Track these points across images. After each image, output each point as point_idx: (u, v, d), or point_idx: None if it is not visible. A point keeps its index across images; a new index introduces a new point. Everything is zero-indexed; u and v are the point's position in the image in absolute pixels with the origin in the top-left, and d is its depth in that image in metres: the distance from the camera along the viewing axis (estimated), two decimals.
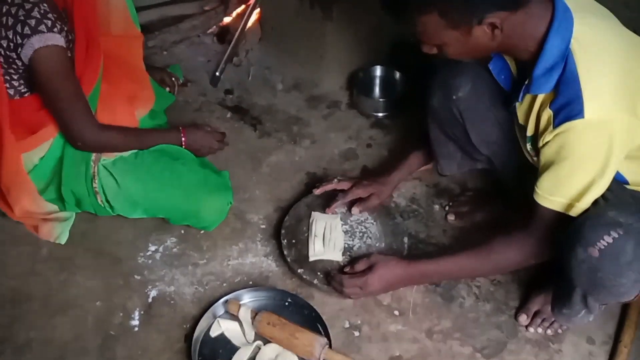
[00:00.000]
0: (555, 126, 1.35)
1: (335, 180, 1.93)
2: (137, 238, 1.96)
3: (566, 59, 1.34)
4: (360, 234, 1.91)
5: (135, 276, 1.86)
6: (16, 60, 1.68)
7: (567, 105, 1.32)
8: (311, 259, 1.83)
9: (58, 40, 1.66)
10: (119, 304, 1.79)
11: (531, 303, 1.74)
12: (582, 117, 1.29)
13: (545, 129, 1.39)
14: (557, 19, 1.34)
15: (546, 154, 1.41)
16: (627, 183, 1.48)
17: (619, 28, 1.45)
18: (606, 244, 1.31)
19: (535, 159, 1.52)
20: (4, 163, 1.80)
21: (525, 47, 1.39)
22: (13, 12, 1.62)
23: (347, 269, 1.73)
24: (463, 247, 1.68)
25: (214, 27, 2.76)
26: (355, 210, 1.89)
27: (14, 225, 1.96)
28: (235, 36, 2.56)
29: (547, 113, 1.37)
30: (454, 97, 1.74)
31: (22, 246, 1.93)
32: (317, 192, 1.92)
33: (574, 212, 1.41)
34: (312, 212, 1.93)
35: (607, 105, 1.30)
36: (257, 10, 2.58)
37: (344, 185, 1.91)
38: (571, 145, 1.34)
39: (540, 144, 1.41)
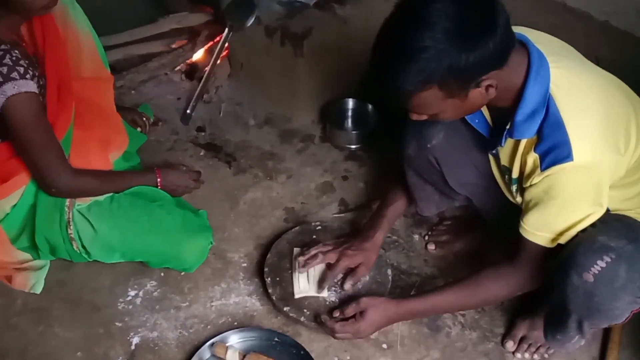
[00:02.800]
0: (543, 169, 1.37)
1: (320, 255, 1.84)
2: (116, 284, 1.91)
3: (547, 103, 1.36)
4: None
5: (116, 323, 1.81)
6: None
7: (555, 148, 1.34)
8: (297, 296, 1.81)
9: (31, 86, 1.63)
10: (101, 353, 1.74)
11: (517, 329, 1.76)
12: (572, 159, 1.32)
13: (532, 171, 1.41)
14: (533, 65, 1.36)
15: (533, 193, 1.43)
16: (608, 210, 1.52)
17: (591, 67, 1.49)
18: (600, 269, 1.34)
19: (518, 199, 1.55)
20: None
21: (506, 96, 1.41)
22: None
23: (336, 314, 1.70)
24: (447, 280, 1.69)
25: (182, 64, 2.74)
26: (347, 286, 1.82)
27: None
28: (205, 73, 2.56)
29: (533, 156, 1.39)
30: (429, 145, 1.74)
31: None
32: (302, 267, 1.84)
33: (563, 240, 1.45)
34: (294, 249, 1.92)
35: (594, 146, 1.33)
36: (226, 46, 2.58)
37: (331, 258, 1.84)
38: (561, 186, 1.37)
39: (527, 184, 1.43)
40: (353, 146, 2.42)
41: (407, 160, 1.83)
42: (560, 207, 1.40)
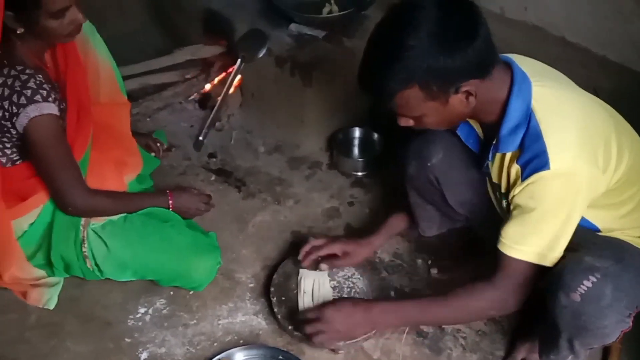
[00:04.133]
0: (524, 179, 1.43)
1: (311, 238, 1.96)
2: (127, 301, 1.97)
3: (529, 118, 1.44)
4: (348, 289, 1.95)
5: (126, 339, 1.86)
6: (10, 129, 1.72)
7: (534, 159, 1.41)
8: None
9: (52, 109, 1.71)
10: None
11: (517, 351, 1.79)
12: (549, 168, 1.38)
13: (515, 182, 1.47)
14: (516, 82, 1.45)
15: (515, 205, 1.48)
16: (599, 230, 1.57)
17: (573, 88, 1.56)
18: (586, 289, 1.39)
19: (508, 214, 1.60)
20: None
21: (490, 110, 1.49)
22: (9, 82, 1.67)
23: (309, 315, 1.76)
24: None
25: (196, 94, 2.84)
26: (323, 266, 1.91)
27: (1, 293, 1.96)
28: (218, 102, 2.65)
29: (515, 168, 1.47)
30: (429, 164, 1.83)
31: (10, 313, 1.92)
32: (303, 261, 1.93)
33: (547, 261, 1.48)
34: (300, 269, 1.97)
35: (570, 156, 1.39)
36: (238, 77, 2.68)
37: (321, 242, 1.94)
38: (538, 194, 1.42)
39: (511, 196, 1.49)
40: (359, 173, 2.49)
41: (408, 180, 1.90)
42: (538, 218, 1.44)
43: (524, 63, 1.49)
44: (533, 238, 1.47)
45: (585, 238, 1.50)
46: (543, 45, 2.29)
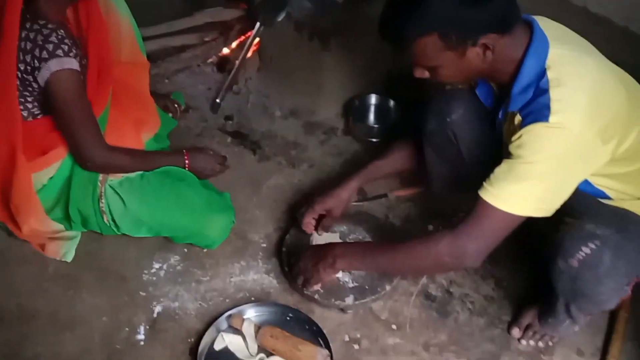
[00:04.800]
0: (522, 127, 1.42)
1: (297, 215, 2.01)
2: (142, 257, 2.02)
3: (541, 78, 1.43)
4: None
5: (141, 293, 1.91)
6: (32, 83, 1.75)
7: (536, 110, 1.40)
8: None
9: (74, 64, 1.74)
10: (125, 319, 1.84)
11: (523, 317, 1.81)
12: (547, 120, 1.36)
13: (514, 131, 1.46)
14: (534, 42, 1.44)
15: (508, 154, 1.45)
16: (610, 198, 1.56)
17: (594, 55, 1.52)
18: (584, 255, 1.41)
19: None
20: (16, 183, 1.85)
21: (506, 69, 1.49)
22: (32, 37, 1.70)
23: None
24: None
25: (214, 57, 2.86)
26: (321, 232, 1.98)
27: (20, 245, 2.01)
28: (235, 66, 2.66)
29: (518, 119, 1.47)
30: (448, 119, 1.83)
31: (29, 265, 1.98)
32: (309, 231, 1.99)
33: (519, 211, 1.42)
34: (313, 233, 2.00)
35: (571, 115, 1.36)
36: (256, 41, 2.68)
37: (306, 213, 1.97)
38: (529, 145, 1.39)
39: (509, 145, 1.47)
40: (374, 139, 2.50)
41: (427, 136, 1.91)
42: (521, 167, 1.40)
43: (547, 26, 1.48)
44: (512, 186, 1.42)
45: (590, 206, 1.51)
46: (565, 16, 2.25)
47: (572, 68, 1.42)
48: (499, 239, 1.48)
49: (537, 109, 1.40)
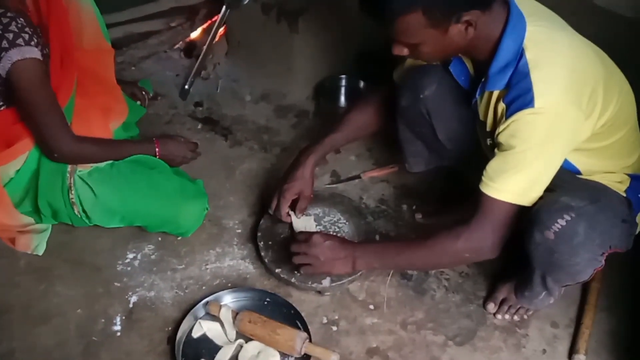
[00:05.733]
0: (508, 116, 1.44)
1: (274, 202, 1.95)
2: (115, 247, 1.99)
3: (519, 57, 1.44)
4: (334, 234, 1.98)
5: (115, 283, 1.89)
6: None
7: (519, 97, 1.42)
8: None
9: (35, 53, 1.69)
10: (100, 310, 1.81)
11: (498, 292, 1.84)
12: (532, 106, 1.39)
13: (500, 121, 1.48)
14: (511, 20, 1.45)
15: (499, 145, 1.49)
16: (580, 173, 1.60)
17: (567, 30, 1.56)
18: (560, 227, 1.43)
19: (492, 154, 1.60)
20: None
21: (484, 47, 1.50)
22: None
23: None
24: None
25: (181, 42, 2.82)
26: (298, 215, 1.96)
27: None
28: (203, 51, 2.63)
29: (501, 106, 1.48)
30: (421, 96, 1.83)
31: (0, 259, 1.94)
32: (284, 218, 1.96)
33: (522, 200, 1.49)
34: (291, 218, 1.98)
35: (555, 97, 1.40)
36: (223, 24, 2.65)
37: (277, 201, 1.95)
38: (520, 133, 1.43)
39: (495, 135, 1.50)
40: None
41: (401, 112, 1.91)
42: (517, 157, 1.45)
43: (522, 3, 1.49)
44: (513, 178, 1.47)
45: (564, 179, 1.53)
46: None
47: (550, 46, 1.44)
48: (512, 227, 1.54)
49: (521, 94, 1.41)
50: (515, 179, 1.47)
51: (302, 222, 1.98)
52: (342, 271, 1.74)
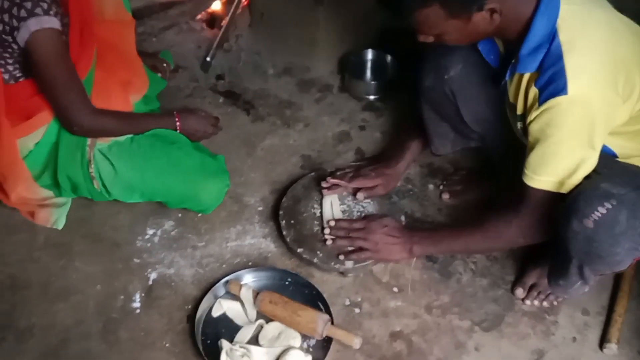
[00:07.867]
0: (540, 103, 1.38)
1: (342, 184, 1.91)
2: (135, 222, 1.96)
3: (552, 38, 1.37)
4: (359, 213, 1.92)
5: (135, 260, 1.86)
6: (12, 44, 1.66)
7: (551, 82, 1.36)
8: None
9: (54, 23, 1.65)
10: (120, 287, 1.79)
11: (527, 277, 1.78)
12: (566, 93, 1.33)
13: (532, 106, 1.42)
14: (544, 0, 1.37)
15: (533, 133, 1.44)
16: (616, 156, 1.52)
17: (605, 8, 1.47)
18: (600, 215, 1.35)
19: (524, 137, 1.55)
20: (1, 149, 1.78)
21: (514, 27, 1.43)
22: None
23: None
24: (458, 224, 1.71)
25: (203, 13, 2.76)
26: (360, 195, 1.90)
27: (9, 213, 1.95)
28: (225, 22, 2.57)
29: (533, 91, 1.41)
30: (446, 76, 1.77)
31: (19, 234, 1.93)
32: (326, 191, 1.92)
33: (565, 189, 1.45)
34: (325, 196, 1.93)
35: (590, 81, 1.34)
36: None
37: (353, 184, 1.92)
38: (555, 122, 1.38)
39: (528, 121, 1.45)
40: (371, 96, 2.42)
41: (424, 93, 1.85)
42: (556, 146, 1.41)
43: None
44: (552, 167, 1.44)
45: (603, 164, 1.45)
46: None
47: (585, 26, 1.37)
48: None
49: (553, 80, 1.35)
50: (554, 169, 1.43)
51: (329, 199, 1.93)
52: (399, 257, 1.75)
